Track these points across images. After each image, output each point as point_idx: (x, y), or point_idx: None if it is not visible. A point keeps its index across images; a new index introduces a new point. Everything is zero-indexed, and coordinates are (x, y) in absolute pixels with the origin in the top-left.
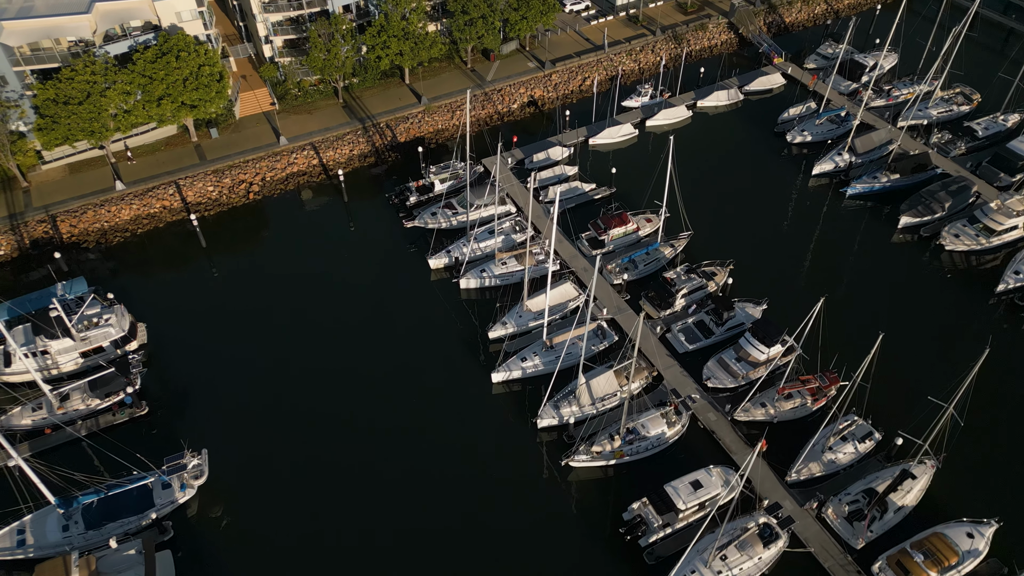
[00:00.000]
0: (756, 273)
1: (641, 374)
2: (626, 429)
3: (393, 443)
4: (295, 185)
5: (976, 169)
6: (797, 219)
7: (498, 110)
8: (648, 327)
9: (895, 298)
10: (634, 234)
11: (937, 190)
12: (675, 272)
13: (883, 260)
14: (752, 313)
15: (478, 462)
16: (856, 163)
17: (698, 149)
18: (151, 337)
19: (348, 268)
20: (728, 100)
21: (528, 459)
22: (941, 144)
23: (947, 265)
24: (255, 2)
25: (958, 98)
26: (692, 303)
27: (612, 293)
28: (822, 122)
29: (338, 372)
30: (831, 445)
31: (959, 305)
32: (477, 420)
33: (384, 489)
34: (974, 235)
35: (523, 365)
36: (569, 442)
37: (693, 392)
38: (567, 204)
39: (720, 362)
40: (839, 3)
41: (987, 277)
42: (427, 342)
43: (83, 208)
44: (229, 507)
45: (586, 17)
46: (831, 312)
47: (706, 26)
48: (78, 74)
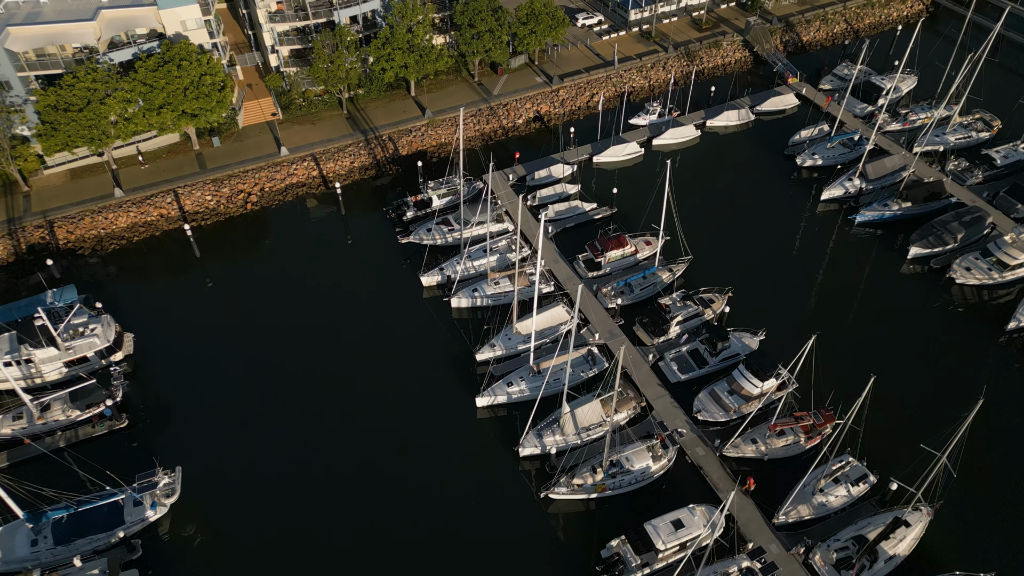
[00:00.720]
0: (756, 301)
1: (628, 404)
2: (609, 462)
3: (373, 467)
4: (294, 196)
5: (993, 199)
6: (803, 246)
7: (503, 125)
8: (640, 354)
9: (901, 333)
10: (632, 257)
11: (950, 220)
12: (671, 298)
13: (890, 292)
14: (749, 344)
15: (456, 489)
16: (867, 189)
17: (705, 170)
18: (138, 348)
19: (341, 283)
20: (738, 120)
21: (508, 489)
22: (957, 172)
23: (957, 299)
24: (262, 12)
25: (977, 124)
26: (686, 331)
27: (606, 317)
28: (834, 146)
29: (322, 390)
30: (822, 487)
31: (968, 342)
32: (458, 445)
33: (360, 514)
34: (986, 269)
35: (509, 390)
36: (551, 472)
37: (682, 424)
38: (566, 223)
39: (712, 394)
40: (859, 23)
41: (998, 314)
42: (414, 361)
43: (81, 214)
44: (202, 526)
45: (598, 32)
46: (831, 345)
47: (720, 44)
48: (79, 81)
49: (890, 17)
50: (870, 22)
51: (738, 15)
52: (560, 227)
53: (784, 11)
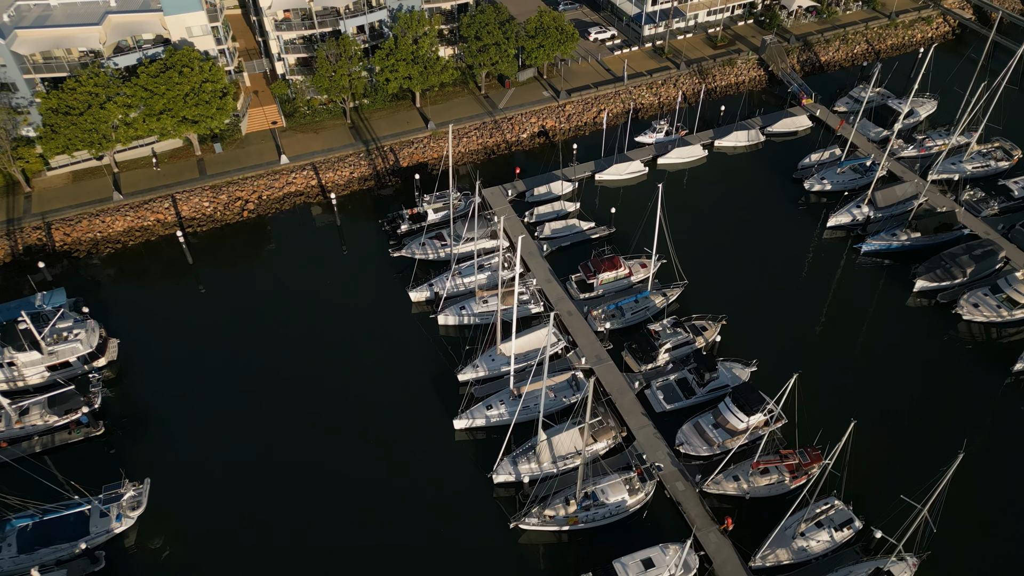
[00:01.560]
0: (752, 331)
1: (608, 434)
2: (583, 494)
3: (345, 486)
4: (291, 205)
5: (1008, 232)
6: (805, 275)
7: (506, 139)
8: (627, 381)
9: (901, 370)
10: (626, 280)
11: (960, 253)
12: (661, 324)
13: (893, 327)
14: (739, 375)
15: (427, 514)
16: (875, 218)
17: (709, 192)
18: (123, 354)
19: (331, 295)
20: (748, 141)
21: (479, 516)
22: (972, 202)
23: (964, 337)
24: (268, 20)
25: (997, 153)
26: (672, 360)
27: (594, 341)
28: (844, 171)
29: (303, 406)
30: (803, 531)
31: (972, 383)
32: (433, 468)
33: (329, 534)
34: (995, 306)
35: (488, 413)
36: (524, 501)
37: (664, 457)
38: (562, 242)
39: (696, 427)
40: (881, 43)
41: (1006, 354)
42: (397, 378)
43: (79, 217)
44: (170, 539)
45: (610, 47)
46: (826, 380)
47: (734, 62)
48: (81, 85)
49: (913, 38)
50: (892, 43)
51: (755, 33)
52: (556, 245)
53: (803, 30)
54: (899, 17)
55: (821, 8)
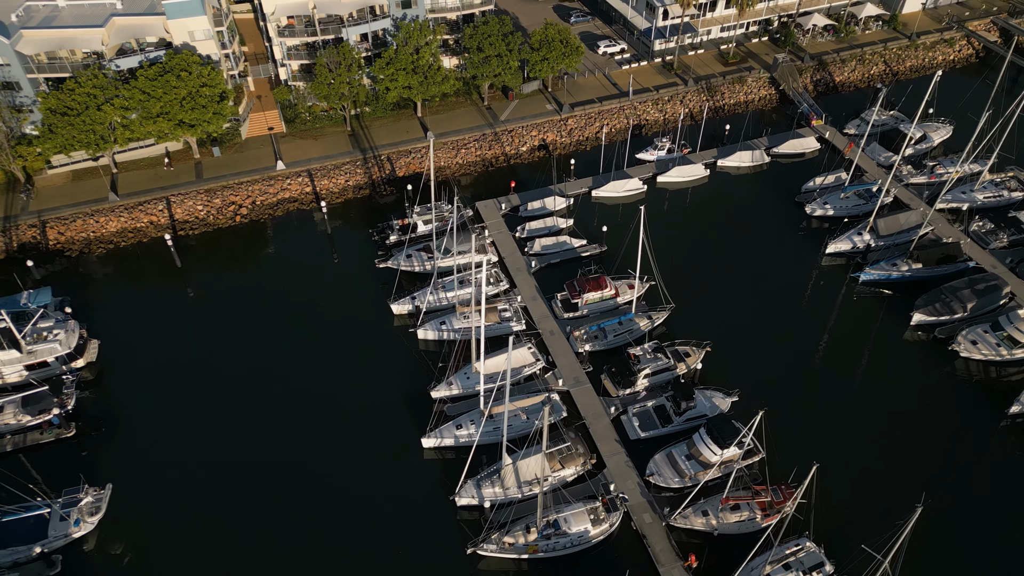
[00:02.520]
0: (737, 359)
1: (576, 461)
2: (546, 522)
3: (310, 498)
4: (284, 211)
5: (1016, 266)
6: (799, 303)
7: (505, 151)
8: (603, 406)
9: (893, 406)
10: (612, 300)
11: (962, 287)
12: (641, 349)
13: (886, 361)
14: (719, 405)
15: (386, 531)
16: (876, 246)
17: (707, 213)
18: (105, 356)
19: (315, 303)
20: (752, 161)
21: (438, 539)
22: (981, 233)
23: (960, 374)
24: (272, 26)
25: (1011, 183)
26: (654, 386)
27: (574, 363)
28: (848, 196)
29: (275, 412)
30: (769, 573)
31: (965, 424)
32: (397, 485)
33: (287, 544)
34: (995, 344)
35: (457, 432)
36: (488, 526)
37: (634, 487)
38: (551, 259)
39: (668, 457)
40: (899, 65)
41: (1002, 394)
42: (371, 391)
43: (74, 216)
44: (130, 546)
45: (619, 61)
46: (809, 414)
47: (744, 79)
48: (80, 86)
49: (934, 61)
50: (911, 65)
51: (769, 51)
52: (545, 262)
53: (819, 48)
54: (920, 38)
55: (839, 27)
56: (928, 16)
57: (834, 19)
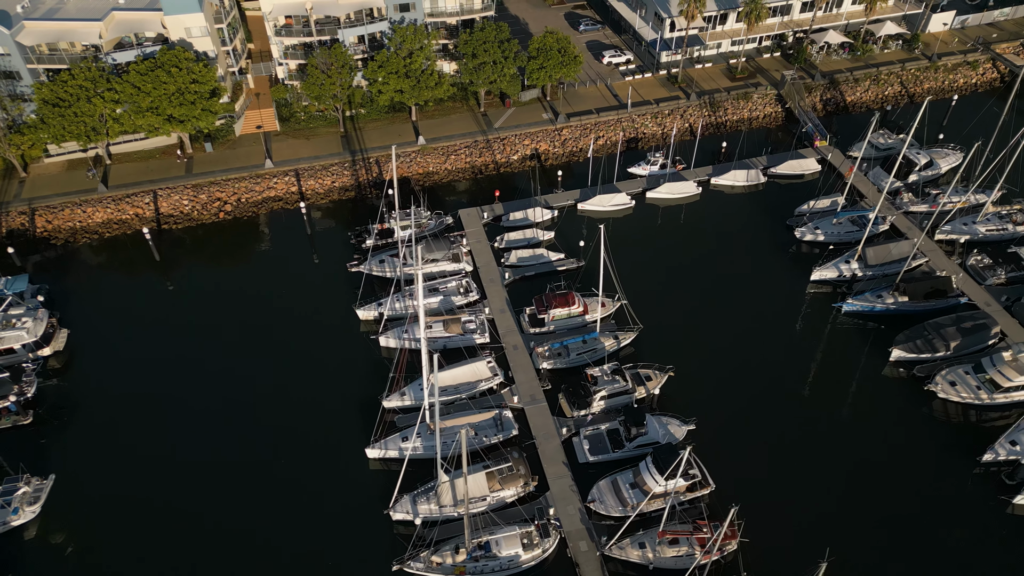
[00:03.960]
0: (702, 386)
1: (516, 482)
2: (476, 543)
3: (250, 499)
4: (268, 210)
5: (1012, 305)
6: (777, 330)
7: (496, 159)
8: (556, 426)
9: (859, 446)
10: (580, 317)
11: (947, 324)
12: (600, 370)
13: (861, 397)
14: (674, 432)
15: (317, 539)
16: (864, 275)
17: (693, 232)
18: (74, 345)
19: (287, 303)
20: (747, 181)
21: (367, 552)
22: (978, 268)
23: (937, 416)
24: (269, 25)
25: (1017, 216)
26: (610, 408)
27: (533, 379)
28: (841, 221)
29: (231, 413)
30: None
31: (934, 469)
32: (336, 494)
33: (218, 545)
34: (975, 386)
35: (402, 445)
36: (418, 543)
37: (575, 512)
38: (527, 272)
39: (613, 484)
40: (916, 87)
41: (976, 441)
42: (326, 395)
43: (63, 205)
44: (72, 537)
45: (623, 72)
46: (769, 449)
47: (750, 96)
48: (73, 79)
49: (955, 84)
50: (929, 87)
51: (780, 66)
52: (519, 274)
53: (833, 66)
54: (941, 60)
55: (856, 45)
56: (954, 37)
57: (851, 37)
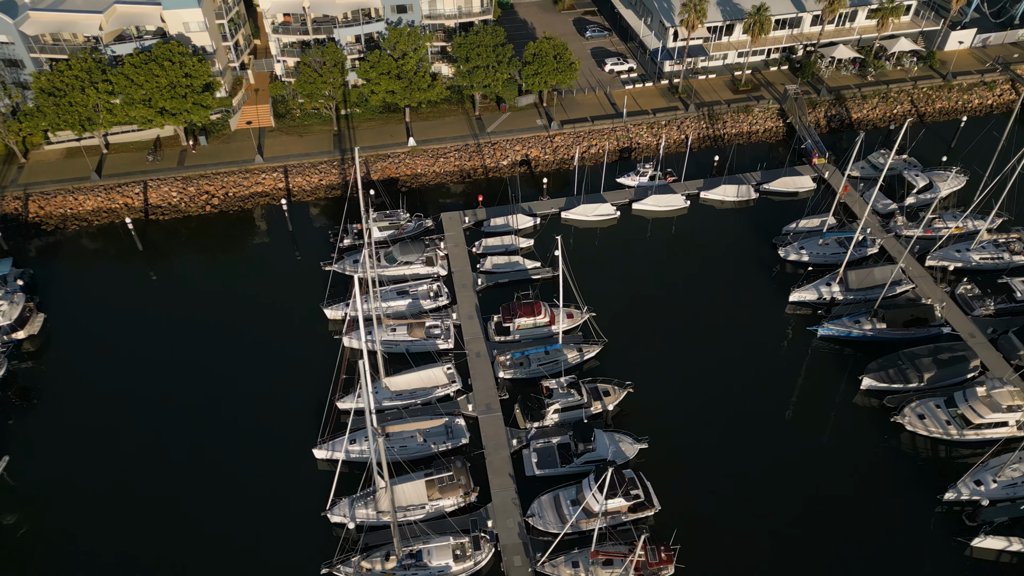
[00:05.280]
0: (664, 405)
1: (456, 492)
2: (408, 552)
3: (194, 493)
4: (253, 205)
5: (997, 338)
6: (748, 352)
7: (486, 164)
8: (507, 437)
9: (819, 476)
10: (546, 328)
11: (923, 354)
12: (556, 382)
13: (827, 425)
14: (625, 451)
15: (252, 536)
16: (846, 299)
17: (675, 245)
18: (51, 331)
19: (259, 300)
20: (737, 196)
21: (299, 553)
22: (967, 297)
23: (904, 449)
24: (267, 22)
25: (1015, 245)
26: (564, 422)
27: (491, 388)
28: (828, 242)
29: (193, 404)
30: None
31: (896, 504)
32: (278, 492)
33: (161, 537)
34: (944, 421)
35: (349, 448)
36: (350, 548)
37: (514, 526)
38: (500, 279)
39: (554, 500)
40: (928, 106)
41: (940, 478)
42: (283, 394)
43: (56, 192)
44: (23, 519)
45: (624, 80)
46: (720, 476)
47: (751, 109)
48: (70, 69)
49: (970, 104)
50: (941, 107)
51: (786, 80)
52: (493, 281)
53: (842, 82)
54: (956, 79)
55: (867, 61)
56: (972, 56)
57: (863, 52)
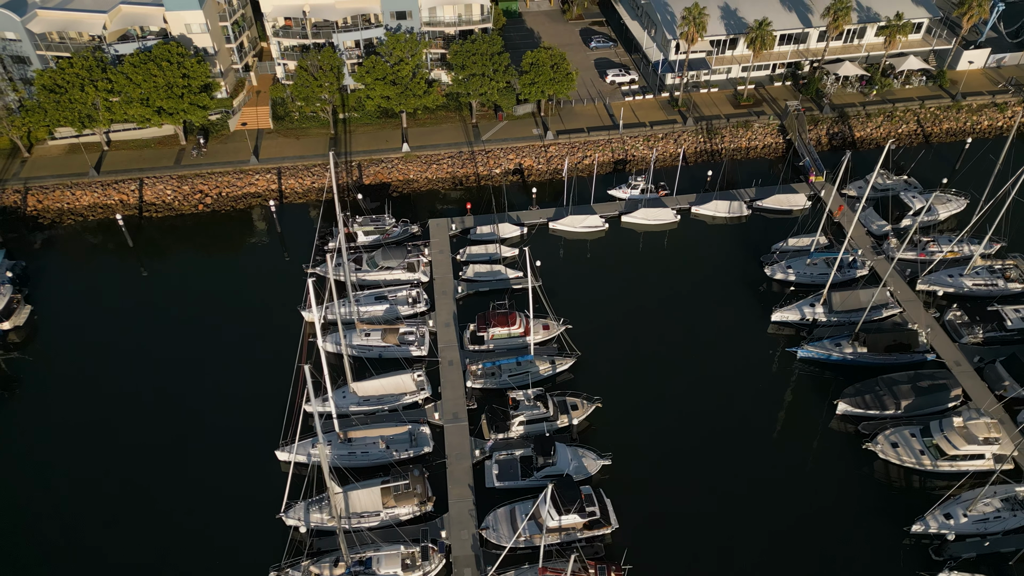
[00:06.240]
0: (635, 422)
1: (411, 500)
2: (358, 559)
3: (157, 488)
4: (245, 205)
5: (983, 367)
6: (725, 371)
7: (478, 172)
8: (471, 447)
9: (786, 503)
10: (521, 338)
11: (902, 381)
12: (523, 394)
13: (800, 450)
14: (588, 466)
15: (207, 537)
16: (829, 321)
17: (661, 260)
18: (36, 322)
19: (242, 300)
20: (729, 212)
21: (251, 555)
22: (956, 324)
23: (877, 478)
24: (268, 25)
25: (1010, 272)
26: (529, 434)
27: (460, 397)
28: (816, 262)
29: (161, 402)
30: None
31: (863, 534)
32: (241, 494)
33: (119, 523)
34: (918, 451)
35: (311, 451)
36: (300, 551)
37: (468, 538)
38: (481, 287)
39: (510, 514)
40: (934, 126)
41: (910, 509)
42: (255, 394)
43: (55, 186)
44: None
45: (624, 92)
46: (688, 495)
47: (751, 125)
48: (71, 67)
49: (978, 126)
50: (948, 127)
51: (790, 96)
52: (473, 289)
53: (847, 99)
54: (966, 99)
55: (874, 78)
56: (986, 76)
57: (870, 69)
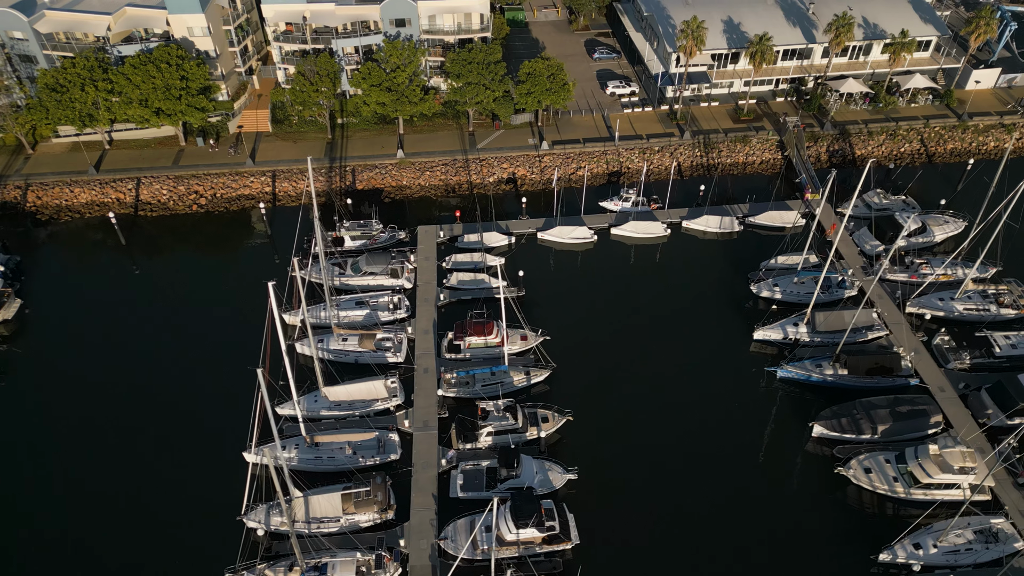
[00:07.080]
0: (607, 436)
1: (371, 507)
2: (313, 564)
3: (126, 484)
4: (239, 207)
5: (968, 394)
6: (703, 389)
7: (472, 180)
8: (439, 456)
9: (754, 526)
10: (498, 348)
11: (880, 405)
12: (493, 404)
13: (773, 472)
14: (553, 480)
15: (166, 536)
16: (812, 341)
17: (647, 274)
18: (26, 316)
19: (227, 301)
20: (720, 227)
21: (209, 555)
22: (944, 348)
23: (850, 503)
24: (269, 30)
25: (1004, 297)
26: (497, 445)
27: (432, 405)
28: (803, 281)
29: (137, 399)
30: None
31: (830, 561)
32: (207, 494)
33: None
34: (892, 477)
35: (278, 455)
36: (265, 554)
37: (426, 548)
38: (463, 295)
39: (469, 525)
40: (938, 146)
41: (877, 536)
42: (232, 394)
43: (55, 183)
44: None
45: (623, 103)
46: (653, 513)
47: (749, 140)
48: (72, 67)
49: (984, 146)
50: (953, 148)
51: (792, 112)
52: (455, 297)
53: (850, 117)
54: (973, 119)
55: (879, 96)
56: (995, 96)
57: (875, 87)
